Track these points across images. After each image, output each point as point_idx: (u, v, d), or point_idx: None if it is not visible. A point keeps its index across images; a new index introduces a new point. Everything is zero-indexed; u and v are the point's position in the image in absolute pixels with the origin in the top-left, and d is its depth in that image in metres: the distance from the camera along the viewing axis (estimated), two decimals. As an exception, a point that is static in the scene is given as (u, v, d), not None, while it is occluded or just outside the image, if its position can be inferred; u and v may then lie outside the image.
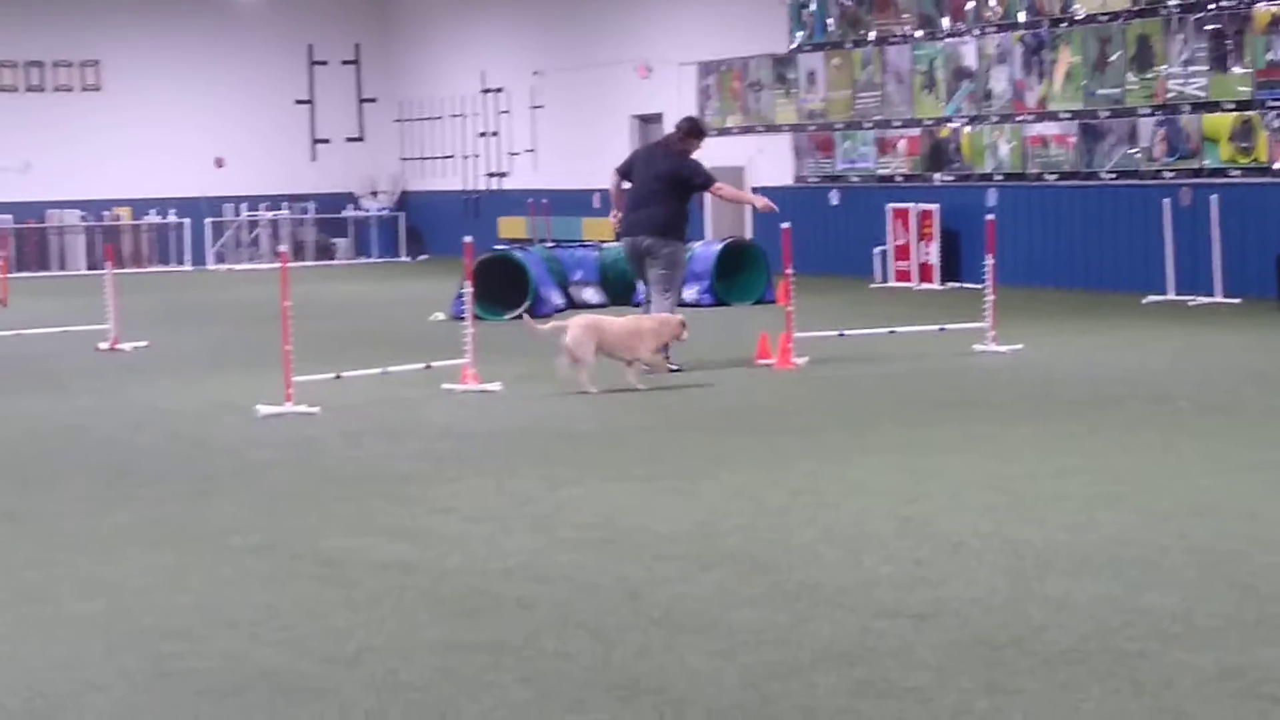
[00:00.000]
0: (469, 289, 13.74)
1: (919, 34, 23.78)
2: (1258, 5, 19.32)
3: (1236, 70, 19.60)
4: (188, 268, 32.89)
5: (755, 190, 26.27)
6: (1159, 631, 6.06)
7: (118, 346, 16.80)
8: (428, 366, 13.64)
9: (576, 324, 13.23)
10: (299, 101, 35.05)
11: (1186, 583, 6.75)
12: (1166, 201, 20.04)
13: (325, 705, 5.50)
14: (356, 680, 5.75)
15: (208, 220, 33.47)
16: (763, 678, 5.70)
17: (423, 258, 34.44)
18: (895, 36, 24.16)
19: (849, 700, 5.45)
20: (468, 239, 14.11)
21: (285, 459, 10.33)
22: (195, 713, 5.47)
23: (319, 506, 8.83)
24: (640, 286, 15.35)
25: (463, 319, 13.80)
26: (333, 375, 13.01)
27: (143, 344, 17.04)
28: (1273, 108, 19.24)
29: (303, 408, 12.07)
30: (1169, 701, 5.31)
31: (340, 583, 7.15)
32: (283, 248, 12.91)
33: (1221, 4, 19.71)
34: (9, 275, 25.07)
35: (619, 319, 13.59)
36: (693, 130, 14.73)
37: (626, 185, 14.89)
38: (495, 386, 13.17)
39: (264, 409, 12.06)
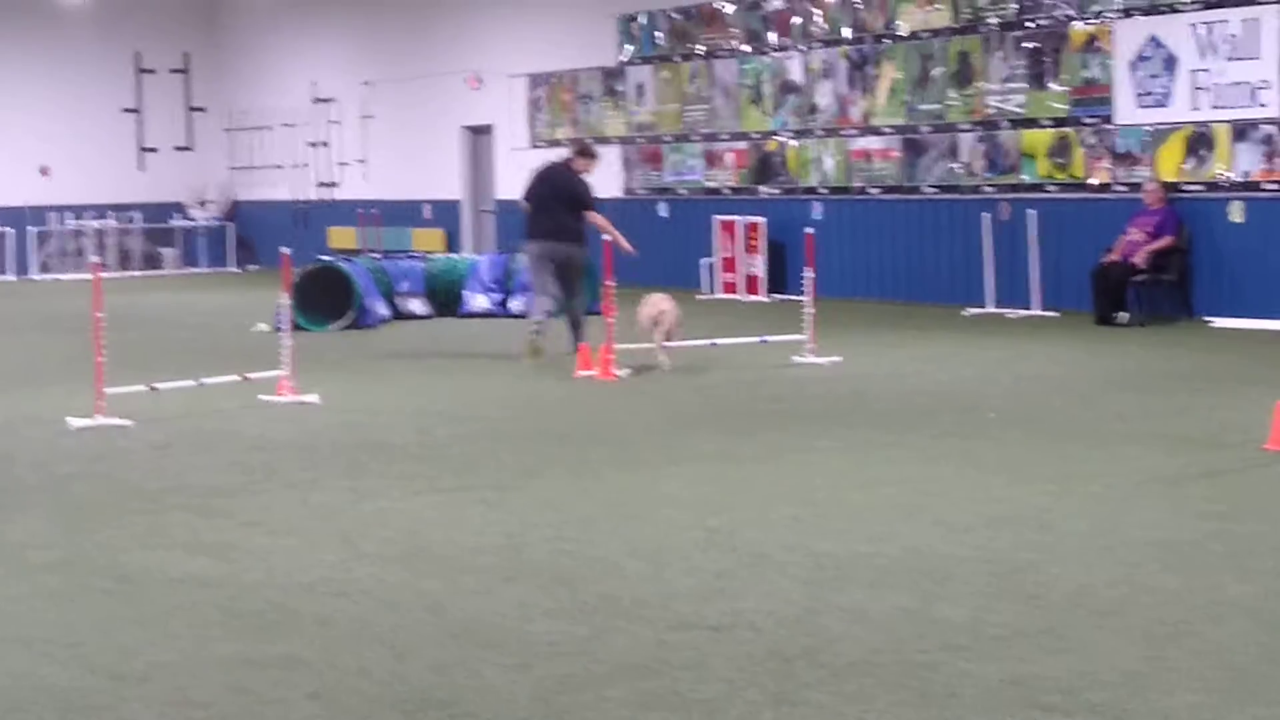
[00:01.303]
0: (286, 300, 13.63)
1: (746, 48, 23.97)
2: (1074, 24, 19.69)
3: (1053, 87, 19.97)
4: (11, 278, 32.32)
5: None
6: (948, 642, 6.15)
7: (-71, 358, 16.50)
8: (244, 378, 13.52)
9: (669, 307, 15.00)
10: (126, 110, 34.58)
11: (978, 593, 6.85)
12: (986, 216, 20.37)
13: (108, 723, 5.44)
14: (142, 698, 5.68)
15: (32, 229, 32.91)
16: (554, 691, 5.71)
17: (251, 268, 34.12)
18: (723, 51, 24.33)
19: (637, 712, 5.47)
20: (285, 250, 14.00)
21: (92, 472, 10.18)
22: (-26, 732, 5.39)
23: (121, 520, 8.71)
24: (537, 293, 16.72)
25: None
26: (146, 387, 12.85)
27: (-44, 355, 16.75)
28: (1088, 124, 19.61)
29: (114, 420, 11.91)
30: (953, 712, 5.39)
31: (135, 598, 7.06)
32: (95, 258, 12.73)
33: (1039, 22, 20.07)
34: None
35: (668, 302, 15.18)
36: (583, 151, 16.90)
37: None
38: (313, 398, 13.08)
39: (75, 422, 11.89)
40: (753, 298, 23.08)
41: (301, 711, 5.53)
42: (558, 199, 16.51)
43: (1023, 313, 19.50)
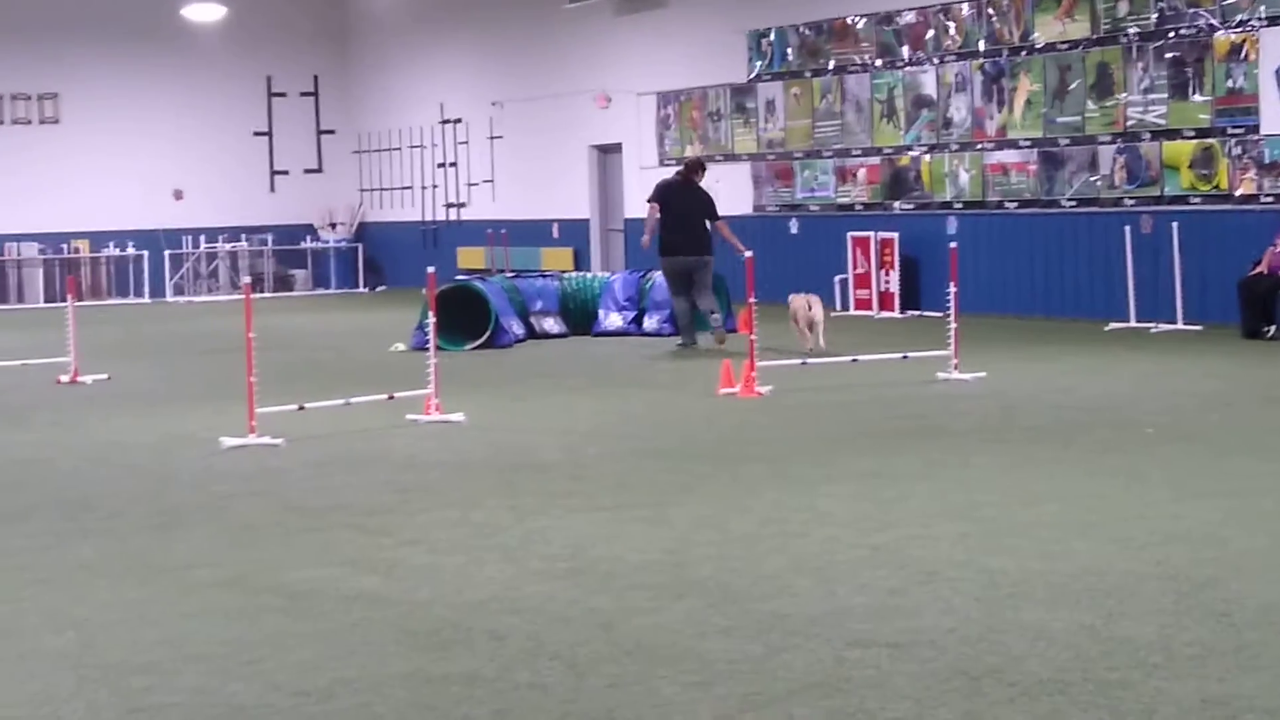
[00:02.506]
0: (432, 319, 13.65)
1: (878, 63, 23.83)
2: (1217, 33, 19.41)
3: (1196, 98, 19.69)
4: (146, 300, 32.73)
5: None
6: (1139, 661, 6.01)
7: (78, 379, 16.67)
8: (391, 397, 13.56)
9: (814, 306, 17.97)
10: (257, 133, 34.96)
11: (1163, 611, 6.71)
12: (1127, 229, 20.11)
13: (297, 741, 5.43)
14: (329, 714, 5.67)
15: (166, 252, 33.33)
16: (738, 709, 5.64)
17: (381, 289, 34.35)
18: (854, 65, 24.21)
19: (827, 731, 5.39)
20: (431, 269, 14.04)
21: (249, 491, 10.23)
22: (165, 749, 5.40)
23: (284, 539, 8.75)
24: (673, 300, 19.36)
25: (423, 350, 13.74)
26: (295, 407, 12.91)
27: (103, 377, 16.91)
28: (1233, 135, 19.32)
29: (266, 439, 11.98)
30: (1151, 730, 5.28)
31: (308, 615, 7.06)
32: (246, 279, 12.79)
33: (1181, 32, 19.80)
34: (-35, 308, 24.91)
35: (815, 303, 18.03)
36: (697, 166, 19.30)
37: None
38: (458, 417, 13.10)
39: (227, 441, 11.96)
40: (886, 314, 22.93)
41: (489, 729, 5.50)
42: (695, 213, 18.81)
43: (1166, 327, 19.21)
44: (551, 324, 21.15)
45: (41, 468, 11.46)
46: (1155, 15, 20.09)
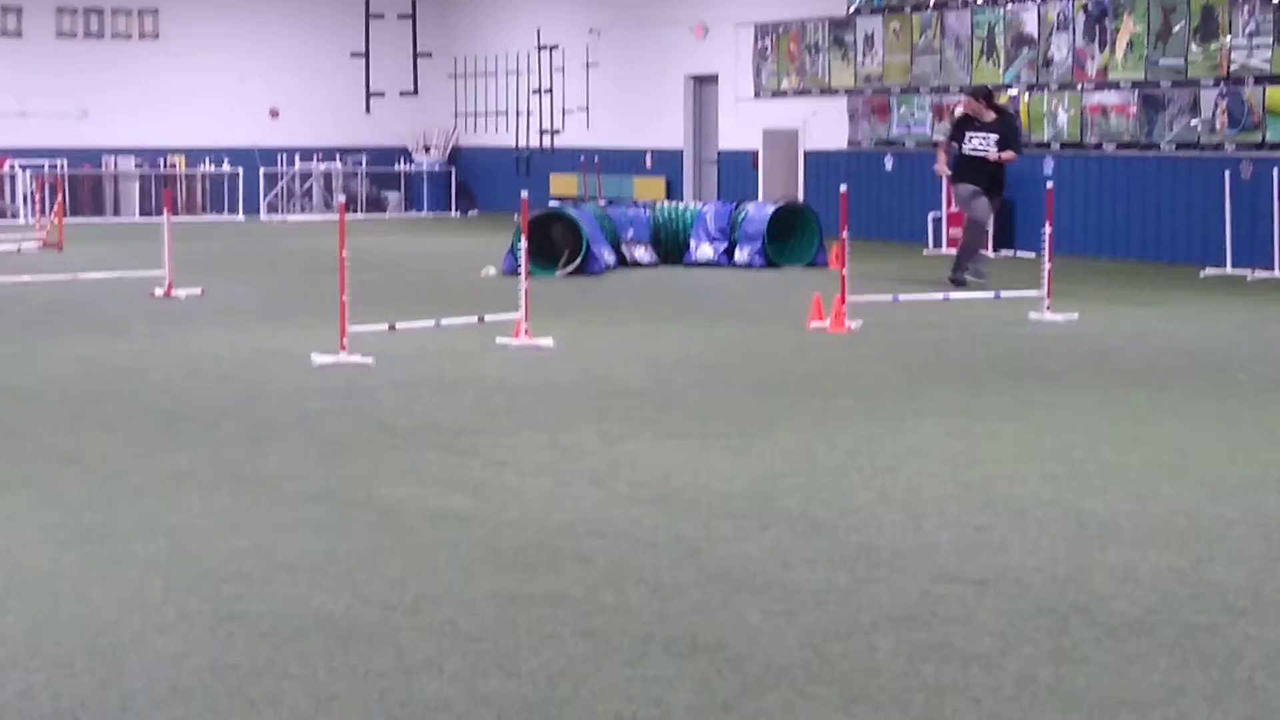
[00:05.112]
0: (525, 244, 13.66)
1: (979, 0, 23.59)
2: (1326, -22, 19.10)
3: (1303, 44, 19.40)
4: (240, 217, 32.91)
5: (807, 154, 26.30)
6: (1226, 605, 5.98)
7: (172, 293, 16.83)
8: (481, 320, 13.61)
9: None
10: (354, 54, 35.00)
11: (1253, 557, 6.67)
12: (1227, 174, 19.85)
13: (384, 651, 5.47)
14: (415, 628, 5.73)
15: (261, 170, 33.49)
16: (822, 638, 5.65)
17: (472, 213, 34.41)
18: (955, 2, 23.97)
19: (910, 664, 5.39)
20: (524, 194, 14.04)
21: (339, 408, 10.31)
22: (257, 655, 5.46)
23: (374, 456, 8.82)
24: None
25: (514, 274, 13.76)
26: (386, 326, 12.98)
27: (196, 291, 17.06)
28: (1338, 82, 19.02)
29: (356, 358, 12.06)
30: (1239, 674, 5.25)
31: (396, 531, 7.13)
32: (341, 198, 12.86)
33: (1289, -24, 19.50)
34: (65, 220, 25.11)
35: None
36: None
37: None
38: (547, 342, 13.12)
39: (319, 358, 12.05)
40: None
41: (574, 648, 5.53)
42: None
43: (1263, 274, 18.99)
44: (642, 253, 21.14)
45: (136, 378, 11.59)
46: (1264, -42, 19.79)
